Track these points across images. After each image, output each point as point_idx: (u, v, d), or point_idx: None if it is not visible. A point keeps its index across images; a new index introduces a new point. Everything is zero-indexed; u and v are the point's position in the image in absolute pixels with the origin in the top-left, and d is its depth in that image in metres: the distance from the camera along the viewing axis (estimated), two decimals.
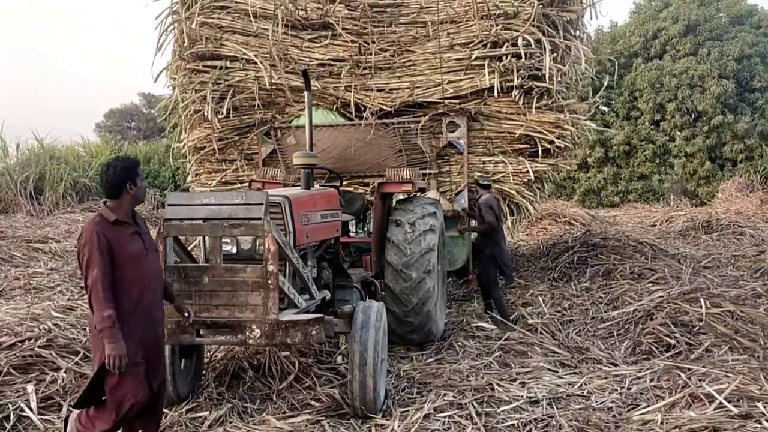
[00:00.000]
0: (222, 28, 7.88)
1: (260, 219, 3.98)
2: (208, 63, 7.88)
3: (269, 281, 3.95)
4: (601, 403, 4.50)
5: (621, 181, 22.36)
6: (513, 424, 4.15)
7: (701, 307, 6.11)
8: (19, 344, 5.45)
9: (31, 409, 4.54)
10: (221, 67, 7.82)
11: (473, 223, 7.42)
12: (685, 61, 21.62)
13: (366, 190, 7.83)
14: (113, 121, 59.79)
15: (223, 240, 4.23)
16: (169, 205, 4.11)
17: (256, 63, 7.70)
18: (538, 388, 4.81)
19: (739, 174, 20.07)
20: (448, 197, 7.67)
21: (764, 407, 3.89)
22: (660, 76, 21.73)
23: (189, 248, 4.74)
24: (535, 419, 4.21)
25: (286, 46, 7.74)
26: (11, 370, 5.06)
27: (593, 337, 6.18)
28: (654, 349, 5.61)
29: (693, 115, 21.63)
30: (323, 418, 4.43)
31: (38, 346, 5.43)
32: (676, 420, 3.77)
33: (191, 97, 7.91)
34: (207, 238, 4.37)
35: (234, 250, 4.37)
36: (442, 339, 6.29)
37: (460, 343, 6.11)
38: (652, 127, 22.37)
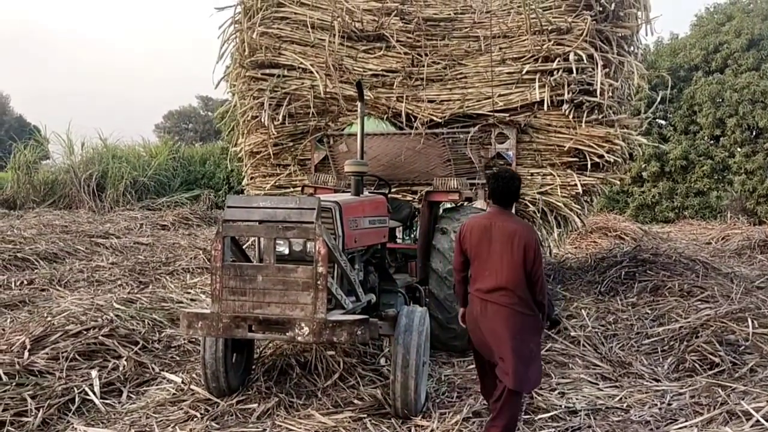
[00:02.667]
0: (281, 38, 8.19)
1: (312, 223, 4.19)
2: (267, 71, 8.19)
3: (318, 282, 4.15)
4: (639, 417, 4.54)
5: (677, 197, 21.91)
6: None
7: (748, 327, 6.05)
8: (85, 332, 5.83)
9: (94, 393, 4.86)
10: (279, 76, 8.12)
11: None
12: (747, 76, 21.10)
13: (413, 198, 7.99)
14: (172, 123, 61.65)
15: (277, 241, 4.48)
16: (228, 206, 4.36)
17: (312, 72, 7.97)
18: (577, 398, 4.88)
19: None
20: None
21: None
22: (721, 91, 21.24)
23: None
24: (573, 428, 4.30)
25: (342, 56, 7.99)
26: (77, 356, 5.42)
27: (636, 353, 6.19)
28: (698, 366, 5.58)
29: (754, 131, 21.07)
30: (365, 416, 4.61)
31: (102, 335, 5.80)
32: None
33: (249, 104, 8.23)
34: (261, 239, 4.62)
35: (286, 251, 4.59)
36: None
37: None
38: (712, 142, 21.87)
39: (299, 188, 8.44)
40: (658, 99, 9.74)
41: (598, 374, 5.58)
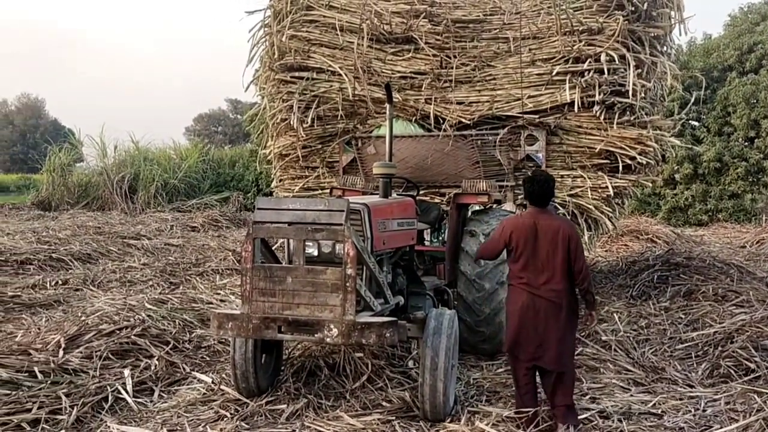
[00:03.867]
0: (310, 41, 8.24)
1: (341, 225, 4.20)
2: (296, 74, 8.25)
3: (347, 284, 4.16)
4: (673, 423, 4.46)
5: (710, 199, 21.48)
6: None
7: None
8: (118, 332, 5.93)
9: (126, 392, 4.94)
10: (308, 78, 8.17)
11: None
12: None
13: (442, 200, 7.97)
14: (201, 126, 62.43)
15: (306, 243, 4.50)
16: (258, 208, 4.40)
17: (340, 75, 8.00)
18: (609, 403, 4.81)
19: None
20: (524, 210, 7.70)
21: None
22: (755, 92, 20.79)
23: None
24: None
25: (370, 59, 8.01)
26: (110, 355, 5.51)
27: (670, 358, 6.08)
28: (732, 372, 5.46)
29: None
30: (394, 418, 4.59)
31: (134, 335, 5.88)
32: None
33: (278, 107, 8.28)
34: (291, 240, 4.65)
35: (315, 253, 4.61)
36: None
37: None
38: (746, 143, 21.42)
39: (327, 190, 8.48)
40: (692, 100, 9.56)
41: (629, 379, 5.49)
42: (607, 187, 7.50)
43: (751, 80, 21.29)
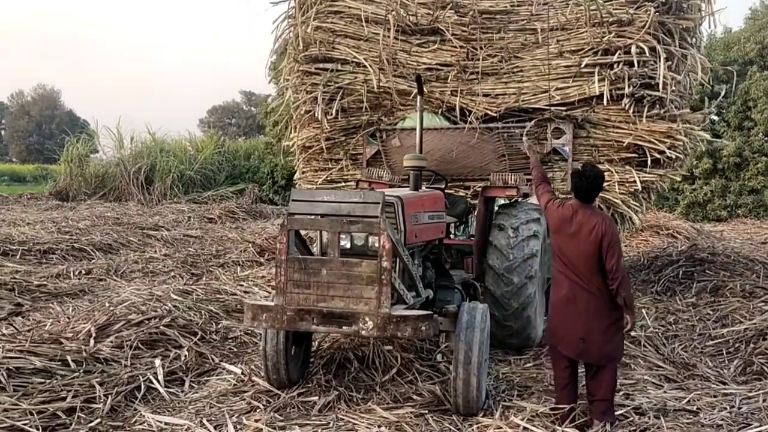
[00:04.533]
0: (335, 32, 8.19)
1: (377, 217, 4.17)
2: (320, 65, 8.20)
3: (383, 276, 4.13)
4: (710, 420, 4.41)
5: (730, 195, 21.26)
6: (628, 431, 4.15)
7: None
8: (146, 322, 5.95)
9: (158, 382, 4.95)
10: (332, 70, 8.12)
11: None
12: None
13: (467, 193, 7.91)
14: (215, 117, 62.54)
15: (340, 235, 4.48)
16: (293, 200, 4.37)
17: (365, 66, 7.94)
18: (643, 400, 4.76)
19: None
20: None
21: None
22: None
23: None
24: (642, 429, 4.19)
25: (395, 50, 7.94)
26: (140, 345, 5.52)
27: (701, 354, 6.02)
28: (766, 369, 5.40)
29: None
30: (426, 411, 4.57)
31: (162, 325, 5.89)
32: None
33: (303, 98, 8.25)
34: (324, 232, 4.63)
35: (348, 246, 4.57)
36: (540, 345, 6.29)
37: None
38: (766, 138, 21.16)
39: (351, 183, 8.45)
40: (722, 93, 9.42)
41: (661, 375, 5.44)
42: (635, 181, 7.41)
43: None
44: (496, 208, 6.74)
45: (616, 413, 4.41)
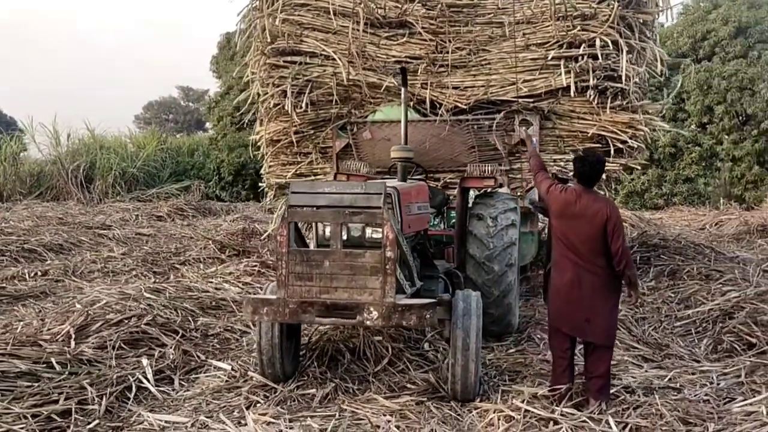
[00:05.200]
0: (302, 25, 8.11)
1: (379, 208, 4.20)
2: (288, 58, 8.12)
3: (387, 266, 4.16)
4: (695, 396, 4.63)
5: (666, 184, 22.21)
6: (615, 411, 4.31)
7: None
8: (125, 321, 5.79)
9: (149, 381, 4.83)
10: (301, 63, 8.05)
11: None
12: (735, 64, 21.41)
13: (437, 185, 8.00)
14: (152, 113, 60.76)
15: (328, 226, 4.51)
16: (292, 192, 4.35)
17: (334, 59, 7.91)
18: (630, 379, 4.95)
19: None
20: (518, 193, 7.81)
21: None
22: (709, 78, 21.53)
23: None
24: (636, 407, 4.37)
25: (364, 43, 7.94)
26: (122, 344, 5.38)
27: (671, 335, 6.30)
28: (736, 347, 5.70)
29: (742, 118, 21.42)
30: (425, 399, 4.64)
31: (144, 324, 5.75)
32: None
33: (271, 91, 8.15)
34: (319, 224, 4.62)
35: (344, 237, 4.58)
36: (518, 331, 6.45)
37: (539, 336, 6.26)
38: (699, 129, 22.18)
39: (321, 176, 8.43)
40: (678, 85, 9.83)
41: (639, 356, 5.67)
42: None
43: (705, 67, 22.02)
44: (471, 198, 6.85)
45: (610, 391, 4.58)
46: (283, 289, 4.26)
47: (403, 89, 6.01)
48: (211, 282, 8.15)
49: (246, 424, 3.99)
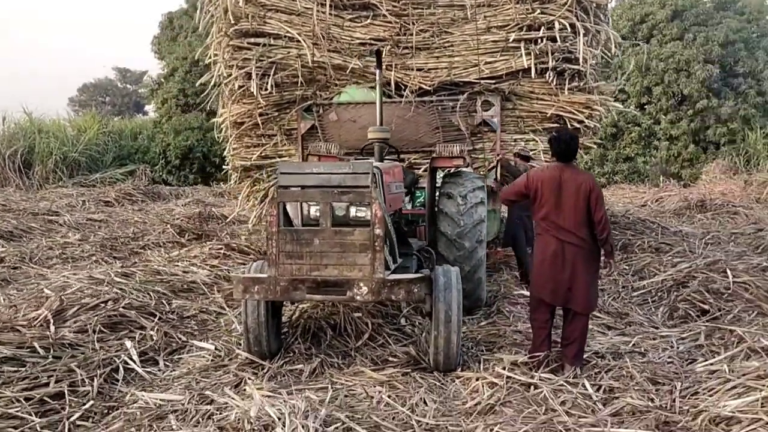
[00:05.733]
0: (265, 6, 8.09)
1: (368, 186, 4.33)
2: (252, 40, 8.09)
3: (376, 243, 4.31)
4: (659, 359, 4.97)
5: (607, 163, 23.05)
6: (589, 375, 4.60)
7: (728, 277, 6.63)
8: (102, 306, 5.76)
9: (134, 362, 4.86)
10: (264, 45, 8.04)
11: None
12: (672, 46, 22.26)
13: (402, 166, 8.14)
14: (87, 96, 58.63)
15: (312, 207, 4.62)
16: (281, 173, 4.43)
17: (299, 41, 7.94)
18: (598, 346, 5.27)
19: (722, 157, 20.88)
20: (481, 173, 8.05)
21: None
22: (647, 60, 22.32)
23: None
24: (607, 370, 4.67)
25: (329, 25, 7.99)
26: (102, 328, 5.36)
27: (630, 304, 6.68)
28: (690, 314, 6.11)
29: (678, 98, 22.35)
30: (409, 371, 4.83)
31: (121, 308, 5.73)
32: (743, 369, 4.25)
33: (235, 73, 8.11)
34: (304, 204, 4.72)
35: None
36: (487, 305, 6.71)
37: (507, 309, 6.55)
38: (638, 109, 23.02)
39: (286, 158, 8.47)
40: (631, 66, 10.21)
41: (603, 324, 6.01)
42: None
43: (643, 49, 22.82)
44: (439, 177, 7.04)
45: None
46: (274, 268, 4.36)
47: (378, 71, 6.12)
48: (178, 266, 8.11)
49: (249, 396, 4.07)
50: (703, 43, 21.79)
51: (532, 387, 4.41)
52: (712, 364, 4.59)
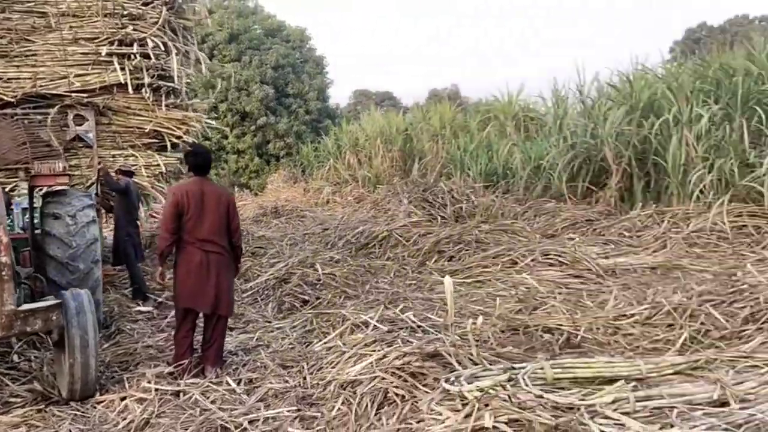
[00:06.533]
0: None
1: None
2: None
3: (4, 273, 3.92)
4: (282, 347, 5.65)
5: (184, 176, 23.58)
6: (229, 372, 4.99)
7: (318, 270, 7.79)
8: None
9: None
10: None
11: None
12: (232, 67, 24.04)
13: None
14: None
15: None
16: None
17: None
18: (228, 344, 5.68)
19: (283, 168, 23.49)
20: (81, 190, 7.67)
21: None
22: (211, 79, 23.57)
23: None
24: (243, 365, 5.14)
25: None
26: None
27: (243, 305, 7.28)
28: (295, 305, 7.01)
29: (242, 115, 24.27)
30: (43, 407, 4.48)
31: None
32: (352, 341, 5.17)
33: None
34: None
35: None
36: (105, 327, 6.50)
37: (129, 327, 6.48)
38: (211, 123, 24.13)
39: None
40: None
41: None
42: (159, 164, 8.09)
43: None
44: (38, 197, 6.51)
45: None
46: None
47: None
48: None
49: None
50: (258, 65, 24.13)
51: (181, 394, 4.59)
52: (326, 342, 5.43)
